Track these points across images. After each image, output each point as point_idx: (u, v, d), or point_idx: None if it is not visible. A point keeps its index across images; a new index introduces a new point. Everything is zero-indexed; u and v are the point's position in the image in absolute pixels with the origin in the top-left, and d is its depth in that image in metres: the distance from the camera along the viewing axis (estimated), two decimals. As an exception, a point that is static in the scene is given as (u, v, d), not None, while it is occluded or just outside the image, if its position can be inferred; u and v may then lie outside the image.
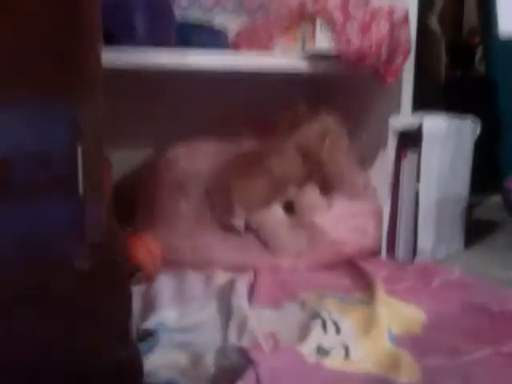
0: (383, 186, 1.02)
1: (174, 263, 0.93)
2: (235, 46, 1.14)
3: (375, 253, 1.02)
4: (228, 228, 0.95)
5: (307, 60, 0.97)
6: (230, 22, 1.22)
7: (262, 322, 0.71)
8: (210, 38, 1.07)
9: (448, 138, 0.98)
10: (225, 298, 0.78)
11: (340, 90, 1.20)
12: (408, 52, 0.97)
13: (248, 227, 0.95)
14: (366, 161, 1.10)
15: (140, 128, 1.18)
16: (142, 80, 1.11)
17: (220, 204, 0.95)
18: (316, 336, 0.66)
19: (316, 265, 0.95)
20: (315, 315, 0.71)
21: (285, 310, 0.76)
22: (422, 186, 0.96)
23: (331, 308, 0.75)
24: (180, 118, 1.18)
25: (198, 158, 1.08)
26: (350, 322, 0.71)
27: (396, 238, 1.01)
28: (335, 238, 0.99)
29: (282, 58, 0.98)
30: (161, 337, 0.64)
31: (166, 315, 0.72)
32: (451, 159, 1.00)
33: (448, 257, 1.03)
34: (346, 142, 1.06)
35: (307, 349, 0.63)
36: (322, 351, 0.63)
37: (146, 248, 0.89)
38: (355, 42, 0.89)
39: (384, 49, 0.92)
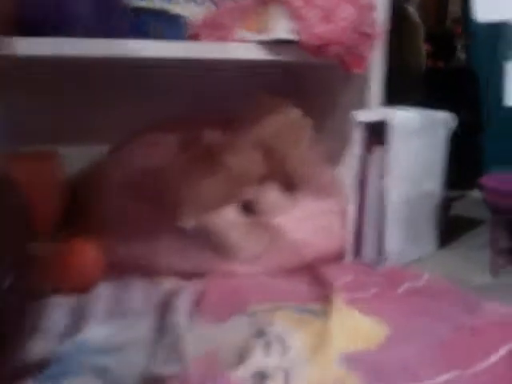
0: (350, 183, 0.94)
1: (118, 270, 0.85)
2: (196, 35, 1.06)
3: (342, 256, 0.94)
4: (178, 231, 0.87)
5: (268, 48, 0.89)
6: (193, 12, 1.14)
7: (201, 341, 0.63)
8: (167, 26, 0.99)
9: (419, 132, 0.91)
10: (163, 313, 0.70)
11: (305, 81, 1.12)
12: (375, 40, 0.89)
13: (199, 230, 0.87)
14: (332, 157, 1.02)
15: (99, 121, 1.11)
16: (100, 71, 1.03)
17: (168, 204, 0.87)
18: (256, 358, 0.58)
19: (275, 270, 0.87)
20: (259, 333, 0.64)
21: (230, 325, 0.68)
22: (390, 183, 0.89)
23: (283, 322, 0.67)
24: (139, 111, 1.10)
25: (152, 155, 0.99)
26: (302, 339, 0.63)
27: (363, 239, 0.93)
28: (297, 240, 0.91)
29: (241, 46, 0.90)
30: (74, 362, 0.56)
31: (92, 333, 0.64)
32: (423, 154, 0.92)
33: (420, 259, 0.96)
34: (311, 136, 0.98)
35: (244, 373, 0.55)
36: (259, 376, 0.55)
37: (85, 254, 0.81)
38: (317, 28, 0.81)
39: (349, 36, 0.83)
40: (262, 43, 0.89)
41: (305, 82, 1.12)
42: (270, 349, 0.60)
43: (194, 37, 1.06)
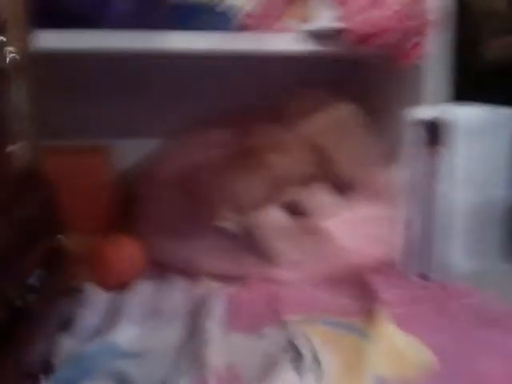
0: (406, 187, 0.87)
1: (159, 268, 0.84)
2: (243, 26, 1.02)
3: (392, 266, 0.87)
4: (219, 231, 0.84)
5: (311, 39, 0.83)
6: (241, 2, 1.10)
7: (226, 351, 0.59)
8: (213, 18, 0.96)
9: (484, 132, 0.81)
10: (196, 316, 0.68)
11: (358, 76, 1.05)
12: (429, 29, 0.80)
13: (241, 231, 0.84)
14: (385, 158, 0.94)
15: (151, 116, 1.12)
16: (151, 66, 1.03)
17: (210, 204, 0.85)
18: (282, 375, 0.54)
19: (318, 277, 0.82)
20: (289, 347, 0.59)
21: (261, 336, 0.64)
22: (448, 188, 0.80)
23: (316, 337, 0.62)
24: (189, 106, 1.09)
25: (199, 152, 0.98)
26: (333, 358, 0.58)
27: (419, 248, 0.85)
28: (345, 246, 0.85)
29: (284, 37, 0.85)
30: (92, 366, 0.55)
31: (123, 334, 0.63)
32: (488, 157, 0.83)
33: (484, 274, 0.86)
34: (364, 135, 0.92)
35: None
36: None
37: (123, 250, 0.81)
38: (364, 15, 0.75)
39: (398, 25, 0.76)
40: (306, 33, 0.83)
41: (358, 76, 1.05)
42: (298, 365, 0.56)
43: (241, 28, 1.02)
